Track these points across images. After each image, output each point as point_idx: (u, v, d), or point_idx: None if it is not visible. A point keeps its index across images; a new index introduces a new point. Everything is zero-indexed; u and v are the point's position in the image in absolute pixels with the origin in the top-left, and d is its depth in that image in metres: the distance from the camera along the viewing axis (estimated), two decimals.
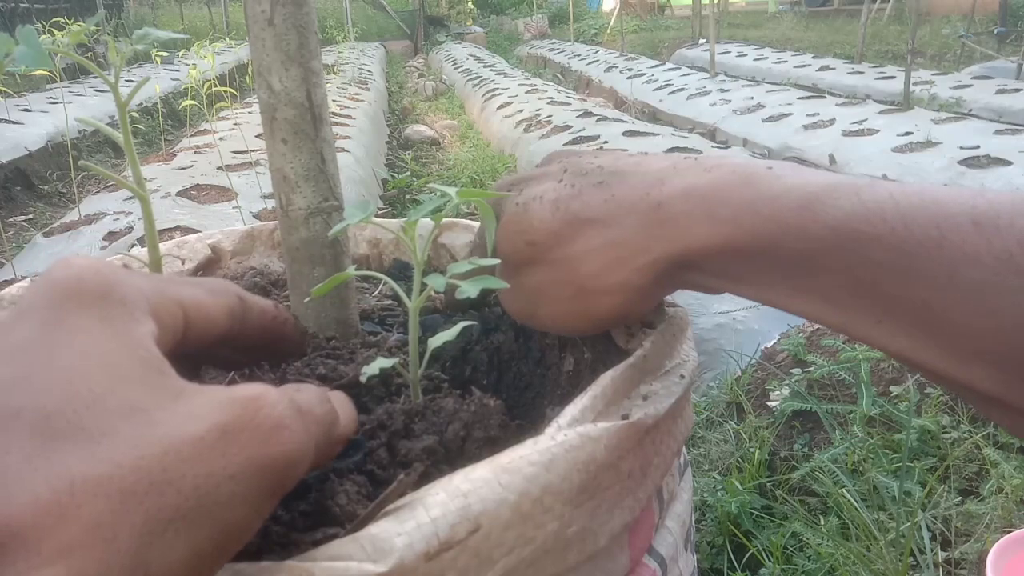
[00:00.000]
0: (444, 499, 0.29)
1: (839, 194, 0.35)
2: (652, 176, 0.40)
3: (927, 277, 0.32)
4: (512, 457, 0.31)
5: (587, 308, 0.41)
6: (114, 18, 10.72)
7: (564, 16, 14.90)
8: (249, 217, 2.61)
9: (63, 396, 0.23)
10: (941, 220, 0.32)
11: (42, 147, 4.48)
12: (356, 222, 0.41)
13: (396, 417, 0.39)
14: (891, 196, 0.34)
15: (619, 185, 0.40)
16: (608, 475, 0.34)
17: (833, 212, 0.34)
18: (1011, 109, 4.73)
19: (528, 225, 0.41)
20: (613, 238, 0.39)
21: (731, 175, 0.38)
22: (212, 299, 0.33)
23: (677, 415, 0.40)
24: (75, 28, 0.47)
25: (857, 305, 0.34)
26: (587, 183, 0.41)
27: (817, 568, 1.27)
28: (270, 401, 0.25)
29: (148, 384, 0.25)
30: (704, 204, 0.37)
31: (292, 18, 0.45)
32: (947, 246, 0.32)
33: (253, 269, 0.66)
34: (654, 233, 0.38)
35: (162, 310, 0.29)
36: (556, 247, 0.41)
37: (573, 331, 0.46)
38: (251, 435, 0.24)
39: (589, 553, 0.34)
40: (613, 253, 0.39)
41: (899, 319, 0.33)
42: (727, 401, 1.80)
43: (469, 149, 5.12)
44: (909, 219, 0.33)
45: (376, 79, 7.55)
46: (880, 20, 10.64)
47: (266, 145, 0.48)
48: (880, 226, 0.33)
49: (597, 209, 0.40)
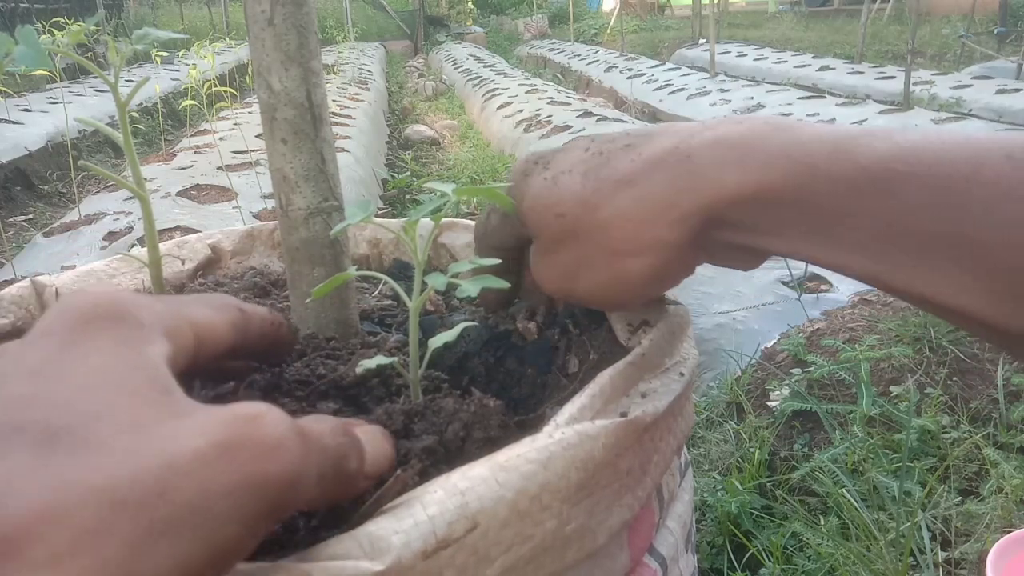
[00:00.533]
0: (442, 497, 0.29)
1: (873, 136, 0.34)
2: (683, 132, 0.39)
3: (963, 213, 0.31)
4: (510, 455, 0.31)
5: (622, 274, 0.40)
6: (114, 18, 10.72)
7: (564, 16, 14.90)
8: (249, 217, 2.61)
9: (69, 412, 0.23)
10: (974, 155, 0.32)
11: (42, 147, 4.48)
12: (357, 222, 0.41)
13: (396, 417, 0.39)
14: (924, 136, 0.34)
15: (647, 144, 0.39)
16: (606, 473, 0.34)
17: (867, 152, 0.34)
18: (1011, 109, 4.72)
19: (558, 198, 0.41)
20: (641, 195, 0.38)
21: (763, 125, 0.37)
22: (218, 316, 0.34)
23: (677, 413, 0.40)
24: (75, 28, 0.47)
25: (892, 250, 0.34)
26: (614, 148, 0.40)
27: (817, 568, 1.27)
28: (271, 420, 0.25)
29: (153, 402, 0.25)
30: (734, 152, 0.36)
31: (292, 18, 0.45)
32: (982, 181, 0.31)
33: (253, 269, 0.66)
34: (683, 185, 0.37)
35: (176, 332, 0.30)
36: (586, 215, 0.40)
37: (613, 303, 0.45)
38: (249, 452, 0.24)
39: (588, 551, 0.34)
40: (643, 211, 0.38)
41: (935, 260, 0.33)
42: (727, 401, 1.80)
43: (469, 149, 5.12)
44: (943, 156, 0.32)
45: (376, 79, 7.55)
46: (880, 20, 10.64)
47: (266, 145, 0.48)
48: (915, 164, 0.32)
49: (625, 170, 0.39)
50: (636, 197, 0.38)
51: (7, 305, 0.55)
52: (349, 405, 0.41)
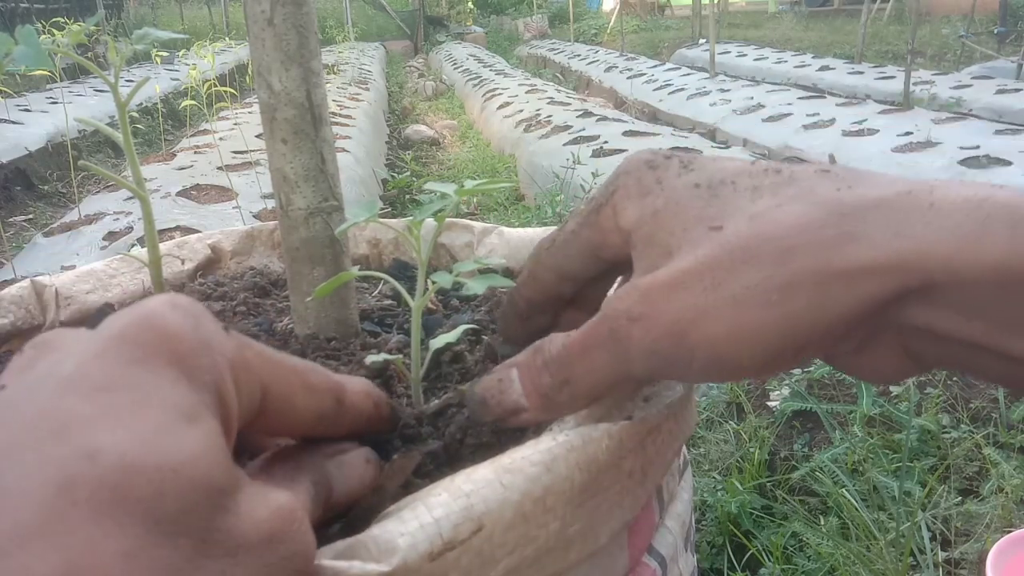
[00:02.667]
0: (447, 499, 0.29)
1: None
2: (912, 181, 0.31)
3: None
4: (514, 457, 0.31)
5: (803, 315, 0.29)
6: (114, 18, 10.72)
7: (564, 16, 14.89)
8: (249, 217, 2.61)
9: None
10: None
11: (42, 147, 4.48)
12: (362, 221, 0.41)
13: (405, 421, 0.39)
14: None
15: (862, 180, 0.31)
16: (609, 475, 0.34)
17: None
18: (1011, 109, 4.72)
19: (719, 211, 0.32)
20: (861, 232, 0.29)
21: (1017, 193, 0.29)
22: (304, 395, 0.29)
23: (679, 415, 0.40)
24: (75, 28, 0.47)
25: None
26: (806, 171, 0.32)
27: (817, 568, 1.27)
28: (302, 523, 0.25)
29: None
30: (987, 214, 0.28)
31: (292, 18, 0.45)
32: None
33: (253, 269, 0.66)
34: (914, 233, 0.28)
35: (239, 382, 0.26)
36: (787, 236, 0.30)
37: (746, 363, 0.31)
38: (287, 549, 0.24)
39: (590, 551, 0.34)
40: (860, 251, 0.29)
41: None
42: (727, 401, 1.80)
43: (469, 149, 5.12)
44: None
45: (376, 79, 7.55)
46: (880, 20, 10.64)
47: (266, 145, 0.48)
48: None
49: (839, 199, 0.30)
50: (852, 233, 0.29)
51: (7, 305, 0.55)
52: None
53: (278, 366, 0.28)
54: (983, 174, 3.16)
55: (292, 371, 0.29)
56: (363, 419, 0.33)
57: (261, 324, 0.52)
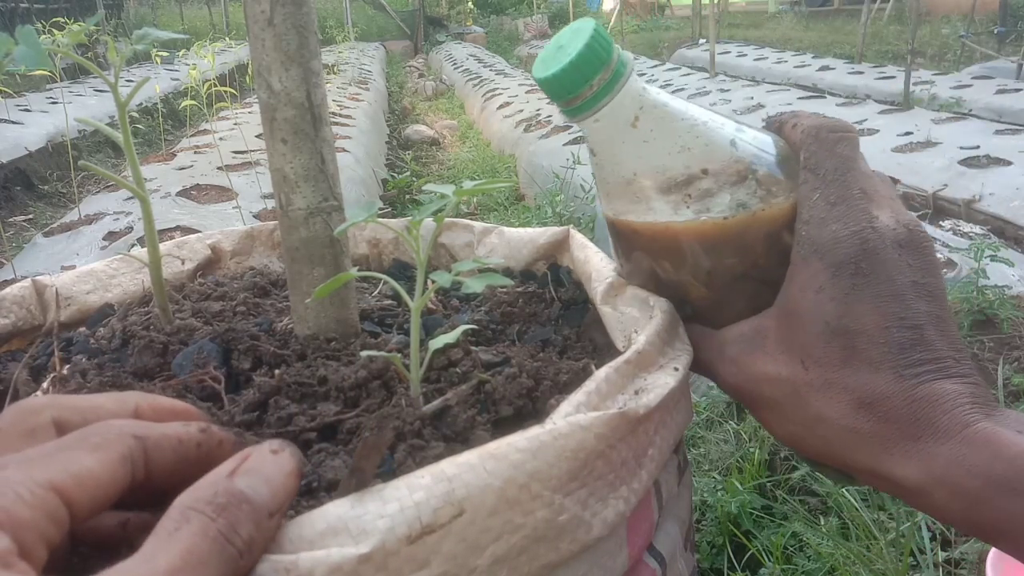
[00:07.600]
0: (429, 483, 0.29)
1: None
2: None
3: None
4: (500, 444, 0.31)
5: None
6: (114, 18, 10.72)
7: (564, 16, 14.89)
8: (249, 217, 2.61)
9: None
10: None
11: (42, 147, 4.48)
12: (362, 221, 0.41)
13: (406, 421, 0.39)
14: None
15: None
16: (599, 463, 0.34)
17: None
18: (1011, 109, 4.73)
19: None
20: None
21: None
22: (96, 458, 0.27)
23: (672, 407, 0.40)
24: (75, 28, 0.47)
25: None
26: None
27: (817, 568, 1.27)
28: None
29: None
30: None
31: (292, 18, 0.45)
32: None
33: (253, 269, 0.66)
34: None
35: (36, 510, 0.24)
36: None
37: None
38: None
39: (583, 543, 0.34)
40: None
41: None
42: (727, 401, 1.80)
43: (469, 149, 5.12)
44: None
45: (376, 79, 7.55)
46: (880, 20, 10.64)
47: (266, 145, 0.48)
48: None
49: None
50: None
51: (8, 305, 0.55)
52: (349, 406, 0.41)
53: (58, 453, 0.27)
54: (983, 174, 3.16)
55: (73, 445, 0.27)
56: (184, 448, 0.30)
57: (261, 324, 0.52)
